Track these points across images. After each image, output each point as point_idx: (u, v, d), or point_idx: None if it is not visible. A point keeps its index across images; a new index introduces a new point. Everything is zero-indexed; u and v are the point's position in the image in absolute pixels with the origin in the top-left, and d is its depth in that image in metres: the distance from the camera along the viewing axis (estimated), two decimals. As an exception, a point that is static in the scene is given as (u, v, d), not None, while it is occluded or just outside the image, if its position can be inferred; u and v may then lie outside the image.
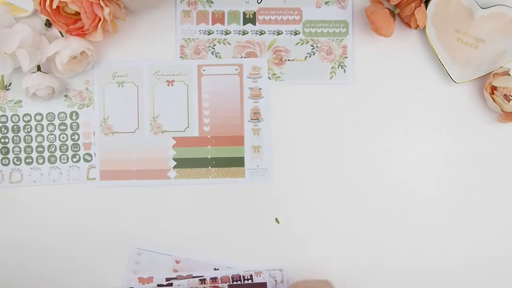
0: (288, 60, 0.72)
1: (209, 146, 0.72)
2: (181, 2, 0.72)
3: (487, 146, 0.73)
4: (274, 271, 0.70)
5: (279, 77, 0.72)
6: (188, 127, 0.72)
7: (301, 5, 0.72)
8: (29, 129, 0.71)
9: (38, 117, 0.72)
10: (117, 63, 0.72)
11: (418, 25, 0.68)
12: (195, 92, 0.72)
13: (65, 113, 0.72)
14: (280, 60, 0.72)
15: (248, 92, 0.72)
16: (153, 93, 0.72)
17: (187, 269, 0.71)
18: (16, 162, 0.72)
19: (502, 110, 0.70)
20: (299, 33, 0.72)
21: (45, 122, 0.72)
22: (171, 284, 0.69)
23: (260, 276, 0.69)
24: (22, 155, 0.72)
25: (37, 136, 0.72)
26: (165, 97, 0.72)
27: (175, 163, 0.72)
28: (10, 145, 0.72)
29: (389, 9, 0.68)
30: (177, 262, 0.71)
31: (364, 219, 0.73)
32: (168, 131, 0.72)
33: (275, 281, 0.69)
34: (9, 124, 0.72)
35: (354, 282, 0.72)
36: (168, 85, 0.72)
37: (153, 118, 0.72)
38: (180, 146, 0.72)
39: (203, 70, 0.72)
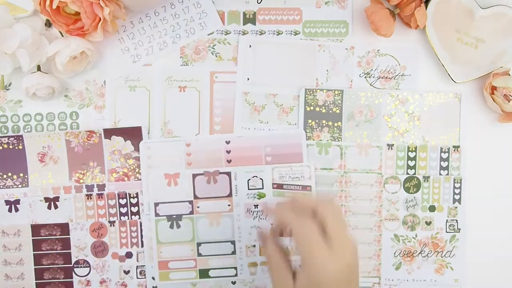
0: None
1: (219, 153, 0.72)
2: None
3: (487, 146, 0.73)
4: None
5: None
6: (199, 133, 0.72)
7: (301, 5, 0.72)
8: (29, 129, 0.71)
9: (38, 117, 0.72)
10: (130, 67, 0.71)
11: (418, 25, 0.68)
12: (207, 99, 0.72)
13: (65, 113, 0.72)
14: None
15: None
16: (165, 98, 0.72)
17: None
18: (16, 162, 0.72)
19: (502, 110, 0.70)
20: (299, 33, 0.72)
21: (45, 122, 0.72)
22: None
23: None
24: (22, 155, 0.72)
25: (37, 136, 0.72)
26: (176, 103, 0.72)
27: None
28: (10, 145, 0.72)
29: (389, 9, 0.68)
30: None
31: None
32: (179, 137, 0.72)
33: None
34: (9, 124, 0.72)
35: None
36: (180, 90, 0.72)
37: (164, 123, 0.72)
38: (190, 152, 0.72)
39: (216, 77, 0.72)
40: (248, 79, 0.72)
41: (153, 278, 0.71)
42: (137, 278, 0.71)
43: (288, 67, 0.72)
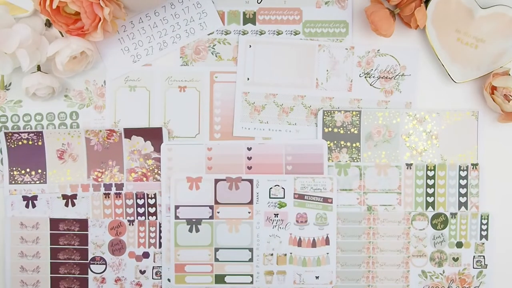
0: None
1: (218, 153, 0.73)
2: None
3: (487, 146, 0.73)
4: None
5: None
6: (199, 133, 0.72)
7: (301, 5, 0.72)
8: (29, 129, 0.72)
9: (38, 117, 0.72)
10: (130, 67, 0.71)
11: (418, 25, 0.68)
12: (207, 99, 0.72)
13: (65, 113, 0.72)
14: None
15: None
16: (164, 98, 0.72)
17: None
18: (16, 162, 0.72)
19: (502, 110, 0.70)
20: (299, 33, 0.72)
21: (45, 122, 0.72)
22: None
23: None
24: (22, 155, 0.72)
25: (37, 136, 0.72)
26: (176, 103, 0.72)
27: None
28: (10, 145, 0.72)
29: (389, 9, 0.68)
30: None
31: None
32: (179, 137, 0.72)
33: None
34: (9, 124, 0.72)
35: None
36: (180, 90, 0.72)
37: (164, 123, 0.72)
38: (190, 152, 0.73)
39: (216, 77, 0.72)
40: (248, 79, 0.72)
41: (169, 280, 0.71)
42: (152, 278, 0.72)
43: (288, 67, 0.72)
